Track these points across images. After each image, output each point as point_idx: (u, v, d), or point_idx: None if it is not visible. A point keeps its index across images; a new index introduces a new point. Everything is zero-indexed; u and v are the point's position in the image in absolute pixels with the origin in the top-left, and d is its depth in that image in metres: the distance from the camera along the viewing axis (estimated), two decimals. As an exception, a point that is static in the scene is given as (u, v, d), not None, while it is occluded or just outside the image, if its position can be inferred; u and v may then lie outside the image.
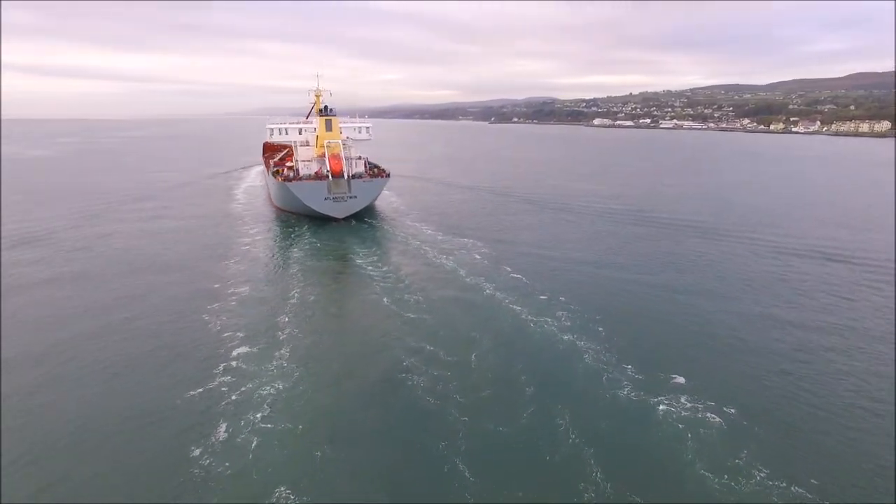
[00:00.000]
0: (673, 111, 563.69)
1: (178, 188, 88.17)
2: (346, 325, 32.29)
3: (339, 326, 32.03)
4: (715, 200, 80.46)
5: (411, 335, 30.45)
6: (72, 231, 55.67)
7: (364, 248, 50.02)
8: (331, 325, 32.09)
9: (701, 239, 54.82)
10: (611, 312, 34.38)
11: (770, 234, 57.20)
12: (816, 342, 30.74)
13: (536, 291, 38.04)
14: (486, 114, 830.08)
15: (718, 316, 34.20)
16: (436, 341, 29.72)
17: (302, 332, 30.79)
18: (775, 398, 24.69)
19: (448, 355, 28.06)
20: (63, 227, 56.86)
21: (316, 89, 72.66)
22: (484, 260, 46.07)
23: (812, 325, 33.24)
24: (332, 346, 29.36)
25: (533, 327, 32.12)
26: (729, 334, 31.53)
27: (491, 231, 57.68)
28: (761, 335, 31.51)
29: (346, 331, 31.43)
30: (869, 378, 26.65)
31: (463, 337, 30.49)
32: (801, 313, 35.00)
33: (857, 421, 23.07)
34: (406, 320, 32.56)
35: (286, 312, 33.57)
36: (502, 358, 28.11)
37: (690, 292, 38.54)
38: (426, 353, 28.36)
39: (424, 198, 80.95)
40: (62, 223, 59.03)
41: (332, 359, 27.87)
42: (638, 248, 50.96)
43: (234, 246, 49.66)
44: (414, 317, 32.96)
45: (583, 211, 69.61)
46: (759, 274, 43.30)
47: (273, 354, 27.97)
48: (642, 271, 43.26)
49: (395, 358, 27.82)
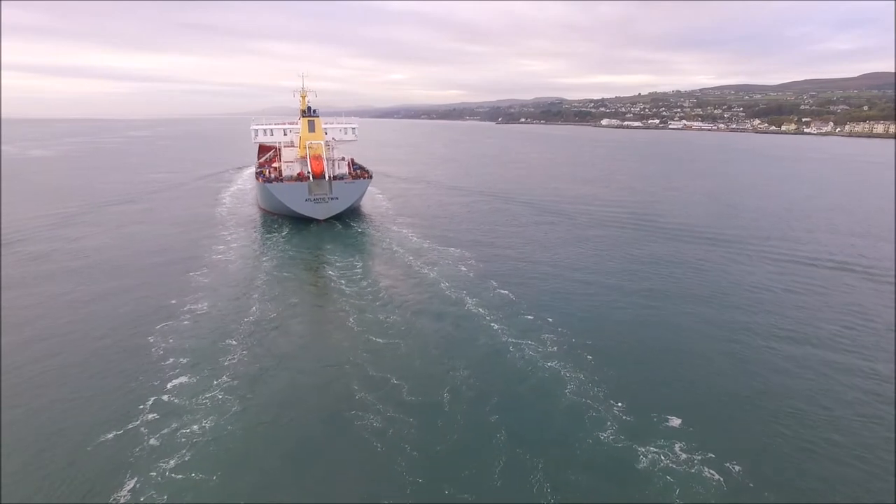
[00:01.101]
0: (682, 111, 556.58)
1: (166, 190, 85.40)
2: (302, 349, 28.91)
3: (293, 351, 28.67)
4: (723, 205, 76.44)
5: (374, 364, 27.07)
6: (43, 233, 53.02)
7: (341, 257, 46.77)
8: (285, 350, 28.72)
9: (708, 248, 51.01)
10: (602, 336, 30.83)
11: (784, 243, 53.24)
12: (839, 381, 27.03)
13: (523, 310, 34.54)
14: (494, 114, 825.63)
15: (726, 344, 30.43)
16: (401, 372, 26.33)
17: (251, 358, 27.51)
18: (792, 454, 20.87)
19: (412, 391, 24.62)
20: (34, 230, 54.13)
21: (301, 90, 70.43)
22: (470, 272, 42.63)
23: (833, 357, 29.49)
24: (280, 375, 26.00)
25: (514, 353, 28.66)
26: (738, 367, 27.84)
27: (482, 239, 54.21)
28: (778, 371, 27.76)
29: (300, 356, 28.04)
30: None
31: (432, 367, 27.08)
32: (820, 340, 31.25)
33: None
34: (372, 346, 29.16)
35: (239, 333, 30.31)
36: (474, 393, 24.67)
37: (694, 313, 34.84)
38: (387, 387, 24.95)
39: (417, 201, 77.64)
40: (36, 225, 56.43)
41: (275, 391, 24.54)
42: (639, 259, 47.28)
43: (206, 255, 46.54)
44: (381, 342, 29.54)
45: (583, 216, 65.94)
46: (773, 291, 39.48)
47: (212, 384, 24.71)
48: (641, 286, 39.60)
49: (348, 392, 24.44)
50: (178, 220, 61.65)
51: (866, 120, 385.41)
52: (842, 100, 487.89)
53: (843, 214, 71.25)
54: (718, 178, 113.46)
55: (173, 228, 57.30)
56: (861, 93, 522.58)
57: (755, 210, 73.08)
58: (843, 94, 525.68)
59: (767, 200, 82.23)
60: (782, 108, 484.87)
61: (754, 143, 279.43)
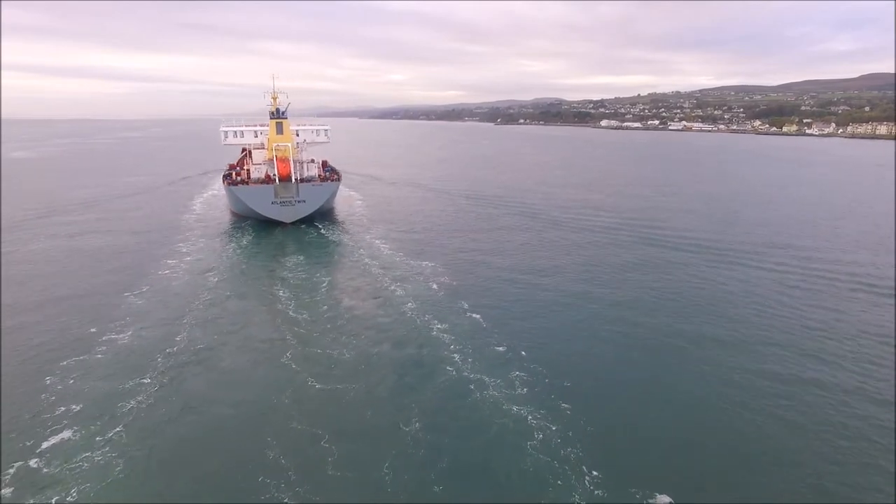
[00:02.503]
0: (682, 112, 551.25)
1: (138, 194, 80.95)
2: (221, 392, 24.33)
3: (209, 394, 24.14)
4: (722, 212, 71.86)
5: (305, 416, 22.55)
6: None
7: (300, 271, 42.38)
8: (199, 392, 24.18)
9: (708, 261, 46.44)
10: (582, 376, 26.31)
11: (791, 254, 48.71)
12: (868, 441, 22.53)
13: (493, 339, 30.07)
14: (493, 115, 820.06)
15: (729, 390, 25.74)
16: (336, 426, 21.87)
17: (157, 402, 23.08)
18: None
19: (344, 455, 20.12)
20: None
21: (272, 91, 67.66)
22: (441, 291, 38.17)
23: (860, 404, 25.00)
24: (183, 428, 21.47)
25: (476, 396, 24.21)
26: (744, 420, 23.25)
27: (460, 250, 49.73)
28: (795, 430, 23.15)
29: (215, 402, 23.45)
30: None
31: (377, 420, 22.59)
32: (840, 383, 26.76)
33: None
34: (307, 392, 24.59)
35: (155, 370, 25.85)
36: (423, 453, 20.19)
37: (693, 349, 30.26)
38: (313, 450, 20.44)
39: (399, 206, 73.19)
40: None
41: (171, 449, 20.11)
42: (631, 277, 42.74)
43: (153, 270, 42.07)
44: (319, 387, 24.88)
45: (573, 225, 61.37)
46: (784, 316, 34.67)
47: (97, 442, 20.29)
48: (632, 313, 34.87)
49: (261, 455, 19.92)
50: (139, 229, 57.24)
51: (868, 121, 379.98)
52: (843, 100, 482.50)
53: (853, 222, 66.65)
54: (718, 182, 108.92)
55: (129, 238, 52.86)
56: (862, 93, 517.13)
57: (758, 217, 68.55)
58: (843, 94, 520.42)
59: (771, 207, 77.70)
60: (783, 109, 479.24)
61: (755, 144, 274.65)
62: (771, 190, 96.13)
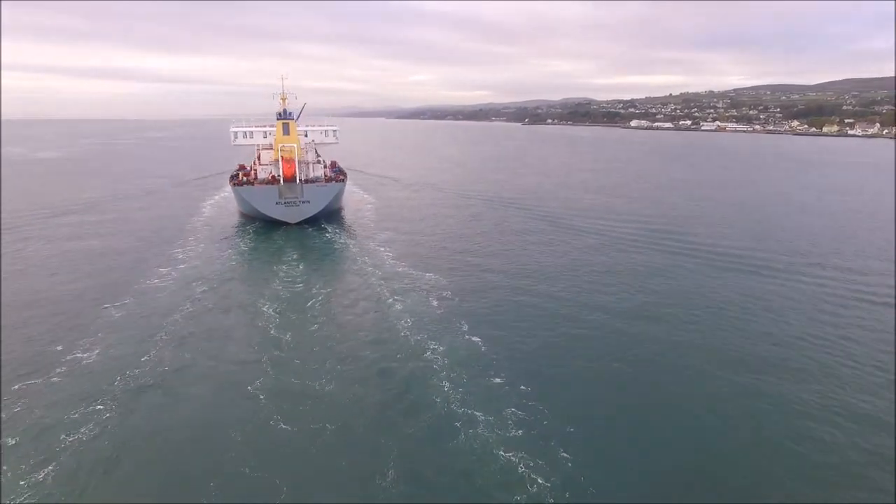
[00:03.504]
0: (715, 112, 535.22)
1: (148, 195, 79.99)
2: (169, 430, 21.43)
3: (162, 428, 21.37)
4: (756, 220, 66.78)
5: (263, 463, 19.59)
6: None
7: (295, 281, 39.73)
8: (150, 426, 21.41)
9: (744, 278, 42.05)
10: (590, 420, 22.69)
11: (837, 272, 43.94)
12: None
13: (492, 369, 26.68)
14: (520, 115, 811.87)
15: (771, 452, 21.97)
16: (296, 474, 18.87)
17: (97, 439, 20.46)
18: None
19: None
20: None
21: (281, 92, 67.44)
22: (441, 307, 34.93)
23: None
24: (116, 474, 18.72)
25: (463, 436, 21.04)
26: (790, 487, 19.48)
27: (468, 259, 46.40)
28: None
29: (159, 442, 20.61)
30: None
31: (348, 466, 19.53)
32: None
33: None
34: (268, 432, 21.56)
35: (110, 397, 23.29)
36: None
37: (727, 386, 26.32)
38: None
39: (410, 209, 70.24)
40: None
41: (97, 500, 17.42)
42: (656, 292, 38.70)
43: (141, 279, 39.86)
44: (283, 427, 21.75)
45: (594, 233, 57.19)
46: (839, 344, 30.59)
47: (20, 487, 17.72)
48: (656, 340, 30.83)
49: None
50: (140, 232, 55.48)
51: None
52: (887, 100, 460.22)
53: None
54: (752, 187, 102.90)
55: (127, 243, 51.08)
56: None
57: (796, 227, 63.35)
58: (887, 93, 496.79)
59: (810, 215, 72.13)
60: (823, 109, 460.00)
61: (794, 146, 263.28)
62: (809, 196, 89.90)
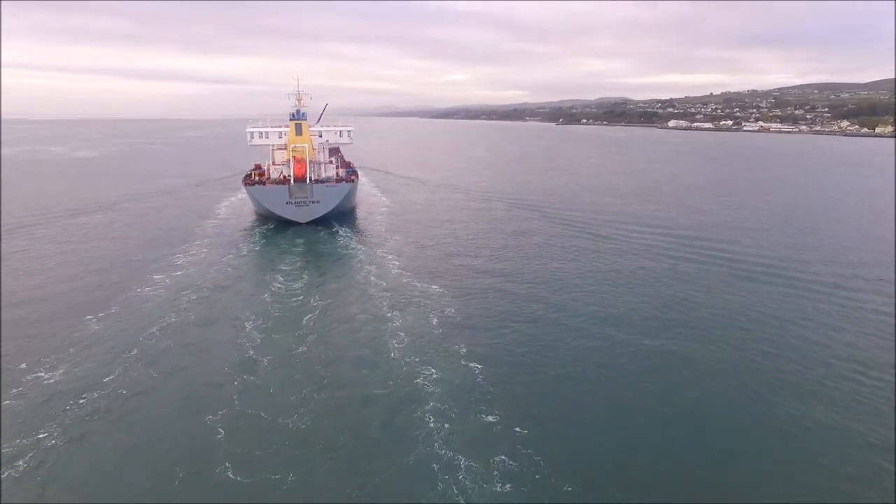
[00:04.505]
0: (758, 112, 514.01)
1: (166, 194, 79.63)
2: (113, 467, 19.06)
3: (97, 469, 18.97)
4: (800, 230, 61.28)
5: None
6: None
7: (291, 293, 37.41)
8: (85, 468, 19.09)
9: (787, 293, 37.60)
10: (596, 478, 19.29)
11: (879, 288, 38.90)
12: None
13: (485, 404, 23.49)
14: (555, 115, 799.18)
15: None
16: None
17: (33, 468, 18.33)
18: None
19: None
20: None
21: (297, 93, 67.55)
22: (440, 327, 31.89)
23: None
24: None
25: (441, 485, 18.17)
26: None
27: (477, 271, 43.18)
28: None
29: (97, 481, 18.23)
30: None
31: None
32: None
33: None
34: (217, 479, 18.99)
35: (54, 425, 21.19)
36: None
37: (763, 429, 22.53)
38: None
39: (425, 214, 67.44)
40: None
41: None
42: (684, 311, 34.73)
43: (133, 286, 38.14)
44: (231, 476, 19.10)
45: (621, 242, 52.97)
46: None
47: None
48: (679, 370, 27.32)
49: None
50: (147, 236, 54.41)
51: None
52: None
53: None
54: (796, 191, 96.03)
55: (130, 247, 49.82)
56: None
57: (838, 236, 57.72)
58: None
59: (854, 223, 65.99)
60: (876, 108, 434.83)
61: (845, 147, 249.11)
62: (858, 201, 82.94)
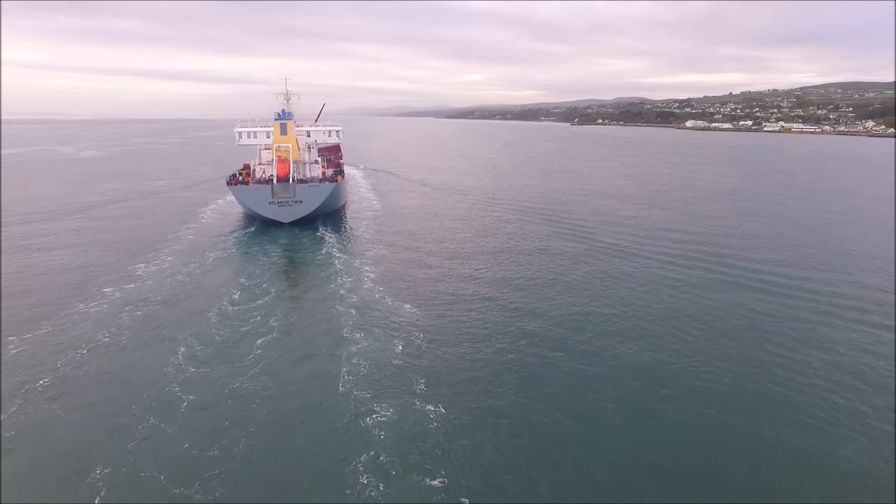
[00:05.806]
0: (779, 112, 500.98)
1: (155, 195, 76.84)
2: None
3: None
4: (822, 240, 56.03)
5: None
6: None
7: (251, 311, 33.50)
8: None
9: (806, 311, 32.88)
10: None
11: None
12: None
13: (431, 462, 19.39)
14: (570, 115, 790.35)
15: None
16: None
17: None
18: None
19: None
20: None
21: (285, 93, 68.01)
22: (401, 356, 27.86)
23: None
24: None
25: None
26: None
27: (459, 287, 39.00)
28: None
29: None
30: None
31: None
32: None
33: None
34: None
35: None
36: None
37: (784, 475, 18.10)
38: None
39: (417, 219, 63.43)
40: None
41: None
42: (695, 338, 30.27)
43: (77, 301, 34.88)
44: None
45: (627, 252, 48.43)
46: None
47: None
48: (693, 416, 23.00)
49: None
50: (115, 243, 50.98)
51: None
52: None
53: None
54: (818, 197, 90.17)
55: (90, 256, 46.35)
56: None
57: (864, 248, 52.47)
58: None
59: (881, 233, 60.48)
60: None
61: (871, 149, 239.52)
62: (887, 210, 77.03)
